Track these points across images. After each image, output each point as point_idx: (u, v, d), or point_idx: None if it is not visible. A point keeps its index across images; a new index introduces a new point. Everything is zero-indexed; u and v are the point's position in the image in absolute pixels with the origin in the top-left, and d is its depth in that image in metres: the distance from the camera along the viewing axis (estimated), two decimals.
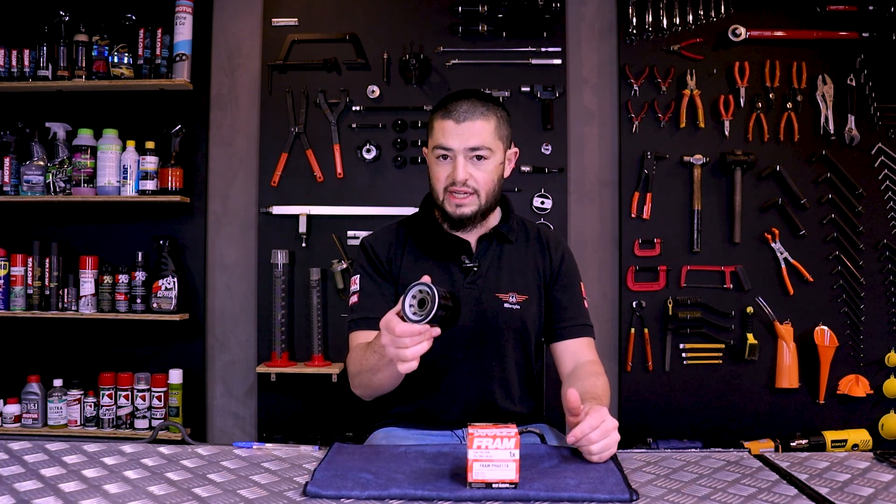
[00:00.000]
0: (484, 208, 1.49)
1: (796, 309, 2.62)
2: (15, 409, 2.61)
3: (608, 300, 2.72)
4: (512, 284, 1.52)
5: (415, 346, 1.12)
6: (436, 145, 1.46)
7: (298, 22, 2.72)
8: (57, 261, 2.67)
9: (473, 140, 1.43)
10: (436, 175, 1.48)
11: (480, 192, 1.46)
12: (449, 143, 1.44)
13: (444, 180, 1.46)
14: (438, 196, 1.49)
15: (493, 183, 1.48)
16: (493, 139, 1.46)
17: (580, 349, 1.52)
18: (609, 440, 1.15)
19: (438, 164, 1.47)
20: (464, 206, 1.46)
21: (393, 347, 1.14)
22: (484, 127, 1.44)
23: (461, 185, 1.44)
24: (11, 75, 2.67)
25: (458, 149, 1.43)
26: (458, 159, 1.44)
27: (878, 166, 2.62)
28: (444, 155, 1.45)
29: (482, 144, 1.44)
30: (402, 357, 1.13)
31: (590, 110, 2.76)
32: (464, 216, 1.47)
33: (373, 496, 1.00)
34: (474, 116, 1.43)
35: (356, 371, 1.43)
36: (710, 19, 2.65)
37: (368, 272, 1.54)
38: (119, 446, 1.24)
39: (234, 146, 2.80)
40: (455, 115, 1.44)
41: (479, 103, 1.45)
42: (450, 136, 1.44)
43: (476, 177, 1.45)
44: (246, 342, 2.79)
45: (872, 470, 1.15)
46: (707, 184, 2.65)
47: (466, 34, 2.68)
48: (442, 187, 1.47)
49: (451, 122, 1.44)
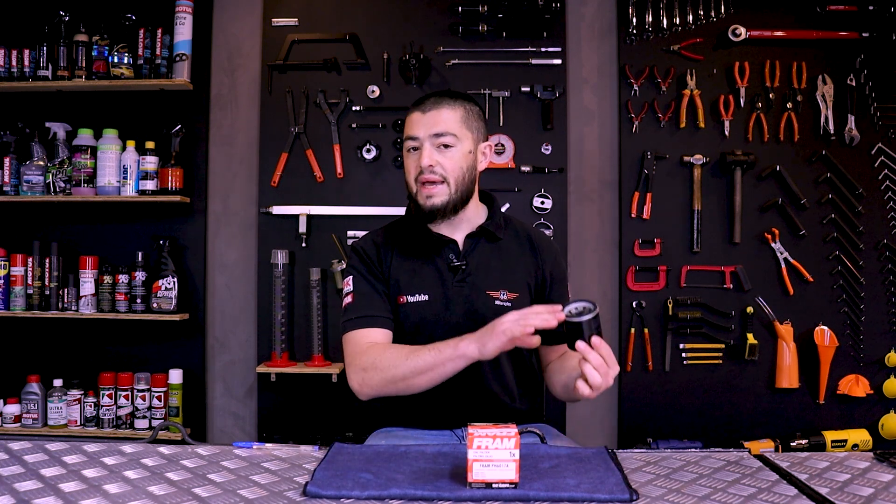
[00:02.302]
0: (455, 199, 1.49)
1: (796, 309, 2.62)
2: (15, 409, 2.61)
3: (608, 300, 2.72)
4: (502, 282, 1.53)
5: (538, 317, 1.24)
6: (405, 138, 1.51)
7: (298, 22, 2.72)
8: (57, 261, 2.67)
9: (438, 126, 1.47)
10: (407, 168, 1.52)
11: (449, 180, 1.48)
12: (415, 131, 1.48)
13: (414, 170, 1.49)
14: (412, 189, 1.51)
15: (461, 171, 1.49)
16: (460, 127, 1.49)
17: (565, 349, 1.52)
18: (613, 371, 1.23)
19: (409, 157, 1.51)
20: (433, 196, 1.48)
21: (520, 322, 1.25)
22: (450, 115, 1.48)
23: (428, 171, 1.47)
24: (11, 75, 2.67)
25: (423, 136, 1.47)
26: (425, 146, 1.47)
27: (878, 166, 2.63)
28: (414, 147, 1.49)
29: (447, 130, 1.47)
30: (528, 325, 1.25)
31: (590, 110, 2.76)
32: (434, 207, 1.48)
33: (373, 496, 1.00)
34: (440, 106, 1.49)
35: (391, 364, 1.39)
36: (710, 19, 2.65)
37: (362, 272, 1.55)
38: (119, 446, 1.24)
39: (234, 146, 2.80)
40: (422, 107, 1.50)
41: (447, 96, 1.51)
42: (416, 126, 1.49)
43: (443, 164, 1.48)
44: (246, 342, 2.79)
45: (872, 470, 1.15)
46: (707, 184, 2.65)
47: (466, 34, 2.69)
48: (413, 178, 1.50)
49: (418, 113, 1.49)
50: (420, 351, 1.37)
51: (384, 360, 1.41)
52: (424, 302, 1.50)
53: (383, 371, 1.40)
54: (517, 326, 1.26)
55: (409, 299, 1.51)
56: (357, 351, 1.46)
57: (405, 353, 1.39)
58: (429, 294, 1.51)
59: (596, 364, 1.21)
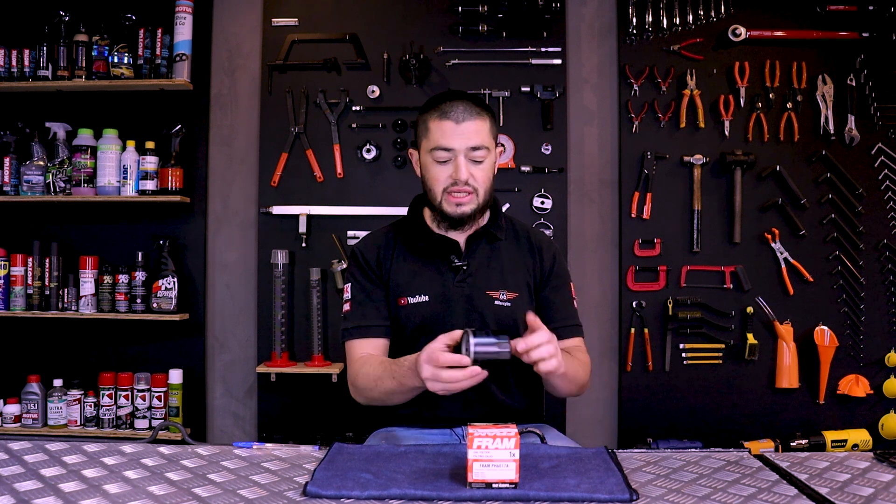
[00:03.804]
0: (481, 206, 1.52)
1: (796, 309, 2.62)
2: (15, 409, 2.60)
3: (608, 300, 2.72)
4: (502, 282, 1.54)
5: (463, 382, 1.20)
6: (435, 146, 1.47)
7: (298, 22, 2.72)
8: (57, 261, 2.67)
9: (474, 139, 1.46)
10: (435, 176, 1.49)
11: (479, 191, 1.49)
12: (451, 143, 1.45)
13: (445, 181, 1.48)
14: (436, 197, 1.50)
15: (490, 181, 1.52)
16: (489, 139, 1.50)
17: (572, 349, 1.54)
18: (550, 349, 1.22)
19: (438, 166, 1.48)
20: (464, 204, 1.48)
21: (440, 383, 1.22)
22: (482, 127, 1.48)
23: (463, 184, 1.46)
24: (11, 75, 2.67)
25: (459, 149, 1.46)
26: (460, 159, 1.46)
27: (878, 166, 2.62)
28: (445, 158, 1.47)
29: (481, 144, 1.47)
30: (449, 391, 1.22)
31: (590, 110, 2.76)
32: (464, 215, 1.50)
33: (373, 496, 1.00)
34: (472, 116, 1.47)
35: (366, 387, 1.47)
36: (710, 19, 2.65)
37: (358, 279, 1.57)
38: (119, 446, 1.24)
39: (234, 146, 2.80)
40: (453, 115, 1.46)
41: (474, 104, 1.49)
42: (451, 137, 1.45)
43: (476, 176, 1.48)
44: (246, 342, 2.79)
45: (872, 470, 1.15)
46: (707, 184, 2.65)
47: (466, 34, 2.68)
48: (441, 188, 1.49)
49: (451, 123, 1.45)
50: (384, 379, 1.41)
51: (361, 380, 1.48)
52: (425, 303, 1.51)
53: (361, 391, 1.49)
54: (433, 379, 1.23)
55: (409, 300, 1.52)
56: (349, 362, 1.54)
57: (373, 378, 1.44)
58: (429, 295, 1.51)
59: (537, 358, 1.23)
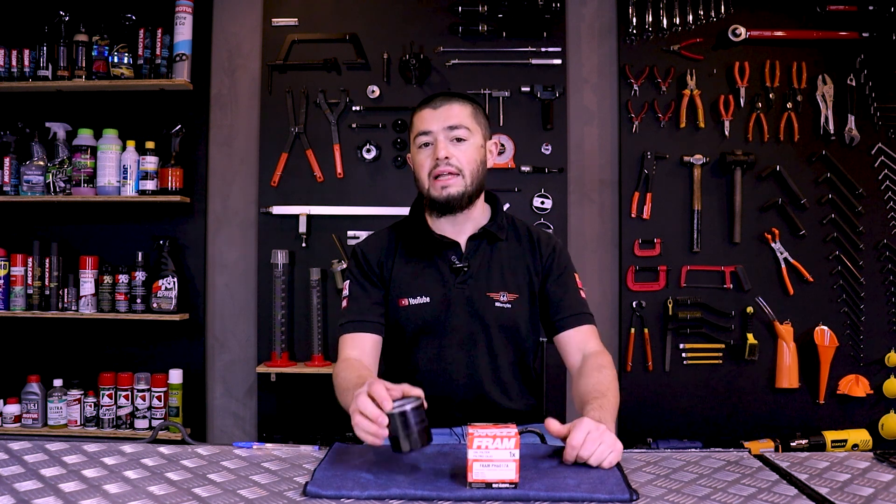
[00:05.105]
0: (470, 191, 1.50)
1: (796, 309, 2.62)
2: (15, 409, 2.60)
3: (608, 300, 2.72)
4: (502, 283, 1.53)
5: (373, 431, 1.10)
6: (416, 133, 1.51)
7: (298, 22, 2.72)
8: (57, 261, 2.67)
9: (452, 120, 1.49)
10: (420, 163, 1.51)
11: (464, 172, 1.49)
12: (429, 126, 1.49)
13: (428, 164, 1.49)
14: (424, 185, 1.51)
15: (475, 163, 1.51)
16: (471, 121, 1.51)
17: (583, 338, 1.51)
18: (603, 447, 1.12)
19: (421, 153, 1.51)
20: (449, 185, 1.48)
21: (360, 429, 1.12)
22: (461, 110, 1.51)
23: (444, 163, 1.47)
24: (11, 75, 2.67)
25: (437, 130, 1.48)
26: (439, 138, 1.48)
27: (878, 166, 2.62)
28: (426, 142, 1.50)
29: (460, 123, 1.49)
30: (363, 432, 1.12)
31: (590, 110, 2.76)
32: (451, 196, 1.48)
33: (373, 496, 1.00)
34: (450, 102, 1.51)
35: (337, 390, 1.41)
36: (710, 19, 2.65)
37: (357, 277, 1.57)
38: (119, 446, 1.24)
39: (234, 146, 2.80)
40: (432, 103, 1.51)
41: (455, 94, 1.54)
42: (429, 121, 1.49)
43: (457, 156, 1.49)
44: (246, 342, 2.79)
45: (872, 470, 1.15)
46: (707, 184, 2.65)
47: (466, 34, 2.68)
48: (426, 173, 1.50)
49: (429, 109, 1.51)
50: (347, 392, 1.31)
51: (336, 381, 1.42)
52: (426, 304, 1.51)
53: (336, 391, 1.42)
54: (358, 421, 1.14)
55: (410, 302, 1.52)
56: (338, 359, 1.51)
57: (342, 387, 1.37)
58: (430, 296, 1.51)
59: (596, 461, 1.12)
